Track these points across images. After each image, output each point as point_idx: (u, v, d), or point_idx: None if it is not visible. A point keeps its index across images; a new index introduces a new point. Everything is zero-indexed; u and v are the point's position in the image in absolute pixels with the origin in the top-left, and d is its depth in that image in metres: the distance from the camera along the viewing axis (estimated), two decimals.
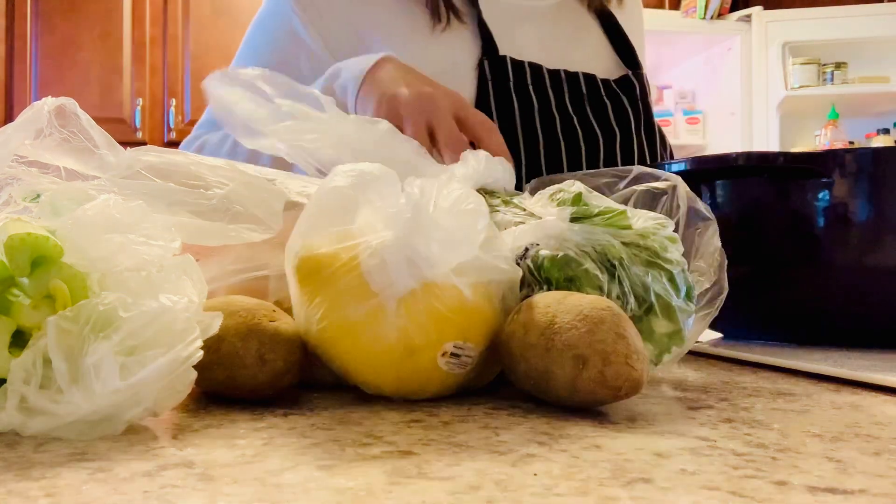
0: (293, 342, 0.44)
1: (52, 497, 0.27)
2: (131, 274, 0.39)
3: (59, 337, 0.35)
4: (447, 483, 0.29)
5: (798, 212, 0.68)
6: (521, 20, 0.97)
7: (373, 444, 0.35)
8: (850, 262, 0.68)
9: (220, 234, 0.50)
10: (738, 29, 3.37)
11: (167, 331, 0.37)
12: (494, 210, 0.55)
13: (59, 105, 0.47)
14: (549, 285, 0.49)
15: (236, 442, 0.35)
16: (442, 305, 0.43)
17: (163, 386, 0.37)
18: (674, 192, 0.56)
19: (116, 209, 0.41)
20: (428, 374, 0.44)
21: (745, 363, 0.64)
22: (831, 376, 0.55)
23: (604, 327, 0.40)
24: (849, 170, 0.67)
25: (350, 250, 0.43)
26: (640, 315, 0.49)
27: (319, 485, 0.29)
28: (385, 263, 0.42)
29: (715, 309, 0.55)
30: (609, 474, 0.31)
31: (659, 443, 0.36)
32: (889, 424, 0.41)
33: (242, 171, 0.53)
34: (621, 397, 0.41)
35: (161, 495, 0.28)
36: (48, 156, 0.47)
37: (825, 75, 3.33)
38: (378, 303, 0.43)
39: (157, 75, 3.32)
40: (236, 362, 0.42)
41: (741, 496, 0.28)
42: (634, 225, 0.51)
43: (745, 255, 0.70)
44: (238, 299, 0.45)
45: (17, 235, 0.37)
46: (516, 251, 0.50)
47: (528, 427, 0.39)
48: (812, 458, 0.34)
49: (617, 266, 0.49)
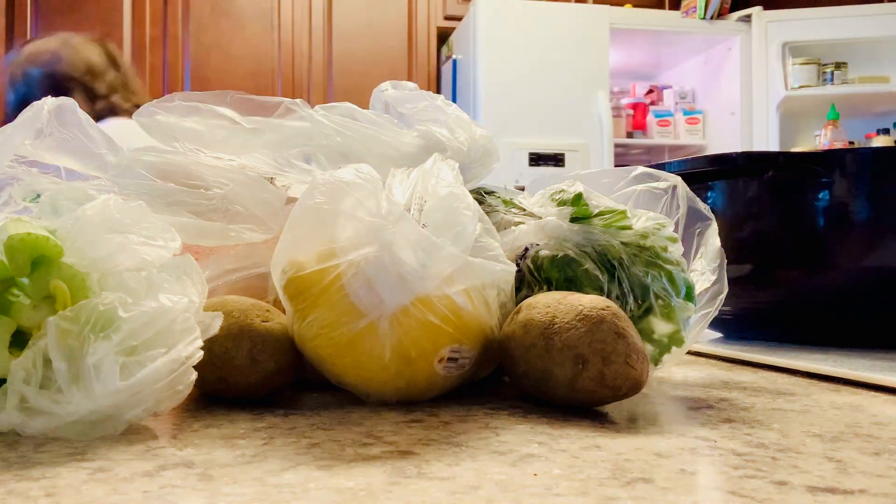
0: (285, 343, 0.44)
1: (52, 497, 0.27)
2: (131, 274, 0.39)
3: (59, 337, 0.35)
4: (447, 483, 0.29)
5: (798, 212, 0.68)
6: None
7: (373, 444, 0.35)
8: (850, 262, 0.68)
9: (220, 234, 0.50)
10: (738, 29, 3.37)
11: (167, 331, 0.37)
12: (493, 210, 0.55)
13: (59, 105, 0.47)
14: (549, 285, 0.49)
15: (236, 442, 0.35)
16: (436, 317, 0.42)
17: (163, 386, 0.36)
18: (674, 192, 0.56)
19: (116, 209, 0.41)
20: (427, 380, 0.44)
21: (745, 363, 0.64)
22: (831, 376, 0.55)
23: (603, 327, 0.40)
24: (849, 170, 0.67)
25: (334, 270, 0.41)
26: (640, 315, 0.49)
27: (319, 485, 0.29)
28: (371, 282, 0.41)
29: (715, 309, 0.55)
30: (609, 474, 0.31)
31: (659, 443, 0.36)
32: (889, 424, 0.41)
33: (242, 171, 0.52)
34: (621, 397, 0.41)
35: (161, 495, 0.28)
36: (48, 156, 0.47)
37: (825, 75, 3.33)
38: (369, 322, 0.41)
39: (157, 75, 3.31)
40: (227, 363, 0.42)
41: (741, 496, 0.28)
42: (634, 225, 0.51)
43: (745, 255, 0.70)
44: (233, 299, 0.45)
45: (17, 235, 0.37)
46: (516, 251, 0.50)
47: (528, 427, 0.39)
48: (812, 458, 0.34)
49: (617, 266, 0.49)
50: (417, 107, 0.60)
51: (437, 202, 0.44)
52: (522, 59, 3.08)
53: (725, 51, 3.49)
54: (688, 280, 0.51)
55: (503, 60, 3.06)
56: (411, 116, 0.60)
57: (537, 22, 3.10)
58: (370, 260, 0.41)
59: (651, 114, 3.59)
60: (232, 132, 0.54)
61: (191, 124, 0.54)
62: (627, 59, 3.62)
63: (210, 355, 0.42)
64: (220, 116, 0.54)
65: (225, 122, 0.54)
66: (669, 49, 3.60)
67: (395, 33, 3.49)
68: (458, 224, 0.43)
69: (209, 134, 0.54)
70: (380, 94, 0.63)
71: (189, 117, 0.54)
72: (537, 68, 3.09)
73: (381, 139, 0.54)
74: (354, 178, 0.43)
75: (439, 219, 0.43)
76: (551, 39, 3.11)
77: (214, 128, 0.54)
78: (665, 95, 3.75)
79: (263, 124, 0.55)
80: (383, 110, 0.63)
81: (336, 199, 0.43)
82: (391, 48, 3.48)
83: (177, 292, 0.39)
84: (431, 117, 0.58)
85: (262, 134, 0.54)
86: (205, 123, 0.54)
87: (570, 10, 3.21)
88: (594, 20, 3.17)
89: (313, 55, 3.40)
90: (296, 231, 0.44)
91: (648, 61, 3.76)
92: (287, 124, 0.55)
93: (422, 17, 3.50)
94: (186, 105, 0.54)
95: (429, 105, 0.59)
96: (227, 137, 0.54)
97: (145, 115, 0.54)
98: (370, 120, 0.56)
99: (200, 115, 0.54)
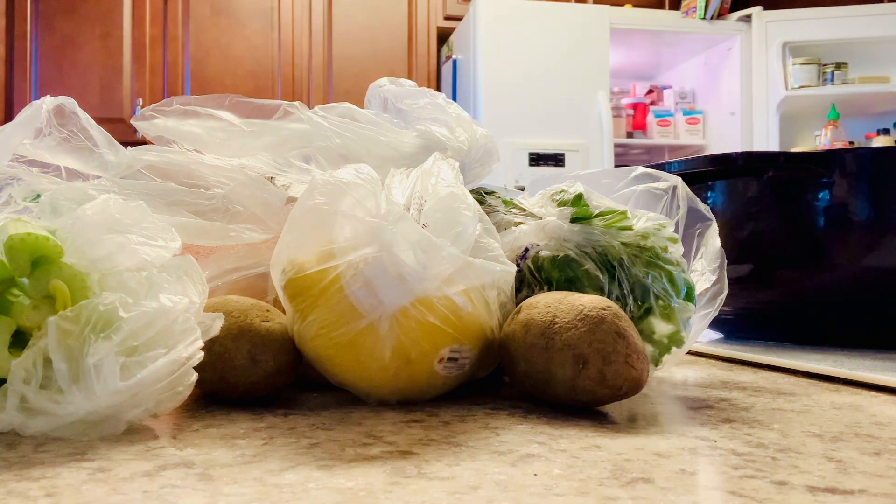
0: (285, 343, 0.44)
1: (52, 497, 0.27)
2: (131, 274, 0.39)
3: (59, 337, 0.35)
4: (447, 483, 0.29)
5: (798, 212, 0.68)
6: None
7: (373, 444, 0.35)
8: (850, 262, 0.68)
9: (220, 234, 0.50)
10: (738, 29, 3.37)
11: (168, 331, 0.37)
12: (493, 210, 0.55)
13: (59, 104, 0.47)
14: (550, 286, 0.49)
15: (236, 442, 0.35)
16: (436, 318, 0.42)
17: (163, 387, 0.36)
18: (674, 192, 0.56)
19: (116, 209, 0.41)
20: (427, 380, 0.44)
21: (745, 363, 0.64)
22: (831, 376, 0.55)
23: (604, 327, 0.40)
24: (849, 170, 0.67)
25: (333, 271, 0.41)
26: (640, 316, 0.49)
27: (319, 485, 0.29)
28: (370, 284, 0.40)
29: (715, 309, 0.55)
30: (609, 474, 0.31)
31: (659, 443, 0.36)
32: (889, 424, 0.41)
33: (243, 171, 0.52)
34: (621, 397, 0.41)
35: (161, 495, 0.28)
36: (48, 155, 0.47)
37: (825, 75, 3.33)
38: (369, 323, 0.41)
39: (157, 75, 3.31)
40: (227, 363, 0.42)
41: (741, 496, 0.28)
42: (635, 226, 0.51)
43: (745, 255, 0.70)
44: (233, 299, 0.45)
45: (17, 235, 0.37)
46: (516, 252, 0.50)
47: (528, 427, 0.39)
48: (812, 458, 0.34)
49: (617, 267, 0.49)
50: (417, 104, 0.60)
51: (437, 202, 0.44)
52: (522, 59, 3.08)
53: (725, 51, 3.49)
54: (688, 280, 0.51)
55: (503, 60, 3.06)
56: (411, 113, 0.60)
57: (537, 22, 3.10)
58: (370, 261, 0.41)
59: (651, 114, 3.59)
60: (231, 135, 0.54)
61: (189, 127, 0.54)
62: (627, 59, 3.62)
63: (210, 355, 0.42)
64: (219, 119, 0.54)
65: (223, 125, 0.54)
66: (669, 49, 3.60)
67: (395, 33, 3.49)
68: (459, 224, 0.43)
69: (208, 137, 0.54)
70: (377, 89, 0.63)
71: (187, 121, 0.54)
72: (537, 68, 3.09)
73: (380, 140, 0.54)
74: (354, 178, 0.43)
75: (439, 219, 0.43)
76: (551, 39, 3.11)
77: (213, 130, 0.54)
78: (665, 95, 3.75)
79: (262, 127, 0.55)
80: (381, 107, 0.63)
81: (335, 200, 0.43)
82: (391, 48, 3.48)
83: (177, 292, 0.39)
84: (431, 116, 0.58)
85: (261, 136, 0.54)
86: (203, 126, 0.54)
87: (570, 10, 3.21)
88: (594, 20, 3.17)
89: (313, 55, 3.40)
90: (295, 231, 0.44)
91: (648, 61, 3.76)
92: (286, 126, 0.55)
93: (422, 17, 3.50)
94: (184, 109, 0.54)
95: (429, 103, 0.59)
96: (225, 140, 0.54)
97: (143, 120, 0.54)
98: (369, 120, 0.56)
99: (199, 118, 0.54)
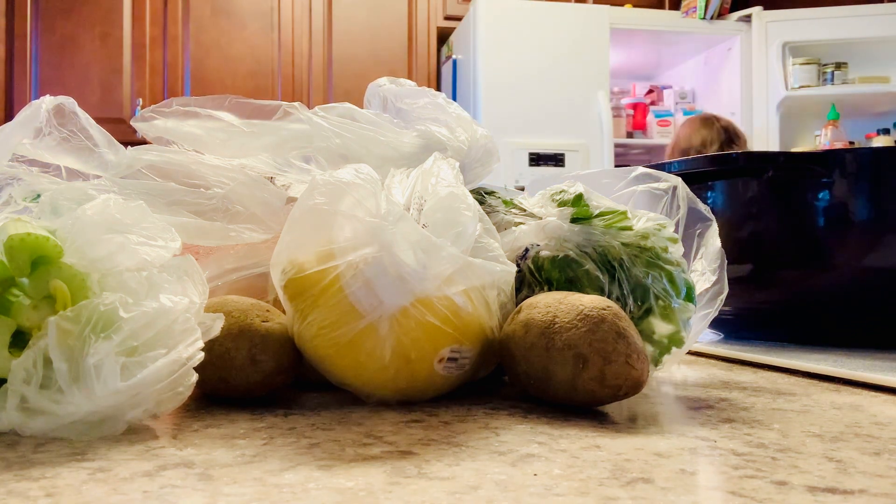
0: (285, 343, 0.44)
1: (52, 497, 0.27)
2: (132, 274, 0.39)
3: (59, 337, 0.35)
4: (447, 483, 0.29)
5: (798, 212, 0.68)
6: None
7: (373, 444, 0.35)
8: (850, 262, 0.68)
9: (220, 234, 0.50)
10: (738, 29, 3.37)
11: (168, 331, 0.37)
12: (494, 210, 0.55)
13: (58, 104, 0.47)
14: (550, 286, 0.49)
15: (236, 442, 0.35)
16: (436, 318, 0.42)
17: (163, 387, 0.36)
18: (674, 192, 0.56)
19: (116, 209, 0.41)
20: (427, 380, 0.44)
21: (745, 363, 0.64)
22: (831, 376, 0.55)
23: (604, 327, 0.40)
24: (849, 170, 0.67)
25: (333, 271, 0.41)
26: (640, 316, 0.49)
27: (319, 485, 0.29)
28: (370, 284, 0.40)
29: (715, 309, 0.55)
30: (609, 474, 0.31)
31: (659, 443, 0.36)
32: (889, 424, 0.41)
33: (243, 171, 0.52)
34: (621, 397, 0.41)
35: (161, 495, 0.28)
36: (48, 155, 0.47)
37: (825, 75, 3.33)
38: (368, 323, 0.41)
39: (157, 75, 3.31)
40: (228, 363, 0.42)
41: (741, 496, 0.28)
42: (635, 226, 0.51)
43: (745, 255, 0.70)
44: (233, 299, 0.45)
45: (17, 235, 0.37)
46: (516, 252, 0.50)
47: (528, 427, 0.39)
48: (812, 458, 0.34)
49: (617, 267, 0.49)
50: (417, 103, 0.60)
51: (437, 202, 0.44)
52: (522, 59, 3.08)
53: (725, 51, 3.49)
54: (688, 281, 0.51)
55: (503, 60, 3.06)
56: (411, 113, 0.59)
57: (537, 22, 3.10)
58: (370, 261, 0.41)
59: (651, 114, 3.59)
60: (231, 135, 0.54)
61: (189, 128, 0.54)
62: (627, 59, 3.62)
63: (210, 355, 0.41)
64: (219, 120, 0.54)
65: (223, 126, 0.54)
66: (669, 49, 3.60)
67: (395, 33, 3.49)
68: (459, 224, 0.43)
69: (208, 137, 0.54)
70: (377, 89, 0.63)
71: (187, 121, 0.54)
72: (537, 68, 3.09)
73: (380, 140, 0.54)
74: (354, 178, 0.43)
75: (439, 219, 0.43)
76: (551, 39, 3.11)
77: (213, 131, 0.54)
78: (665, 95, 3.75)
79: (262, 127, 0.55)
80: (380, 106, 0.63)
81: (335, 200, 0.42)
82: (391, 48, 3.48)
83: (177, 293, 0.39)
84: (431, 115, 0.58)
85: (261, 137, 0.54)
86: (203, 127, 0.54)
87: (570, 10, 3.21)
88: (594, 20, 3.17)
89: (313, 55, 3.40)
90: (295, 231, 0.44)
91: (648, 61, 3.76)
92: (285, 127, 0.55)
93: (422, 17, 3.50)
94: (184, 109, 0.54)
95: (429, 102, 0.59)
96: (225, 141, 0.54)
97: (143, 121, 0.54)
98: (369, 120, 0.56)
99: (199, 119, 0.54)
